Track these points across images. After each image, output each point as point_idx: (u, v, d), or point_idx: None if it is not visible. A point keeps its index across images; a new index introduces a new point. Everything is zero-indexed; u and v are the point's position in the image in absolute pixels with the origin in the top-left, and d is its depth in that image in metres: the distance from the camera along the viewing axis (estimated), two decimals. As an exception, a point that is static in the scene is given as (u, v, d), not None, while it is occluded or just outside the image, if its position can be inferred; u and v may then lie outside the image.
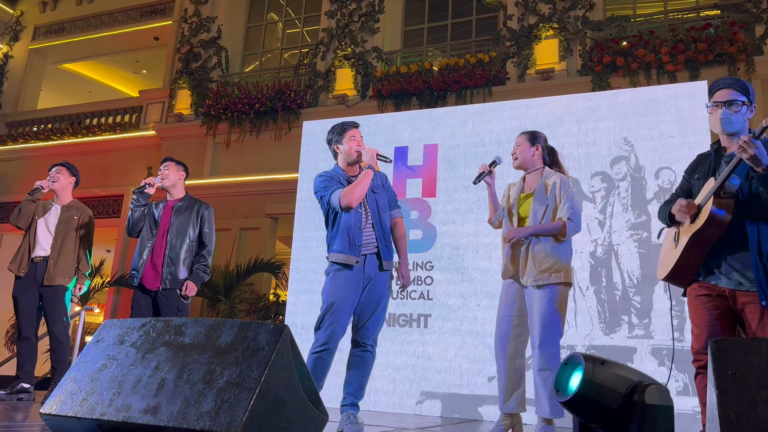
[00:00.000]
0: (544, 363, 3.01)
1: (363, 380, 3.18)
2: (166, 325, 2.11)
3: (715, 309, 2.44)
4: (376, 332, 3.22)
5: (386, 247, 3.23)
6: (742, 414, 1.61)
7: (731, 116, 2.48)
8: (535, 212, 3.17)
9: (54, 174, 4.67)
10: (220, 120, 9.31)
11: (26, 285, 4.44)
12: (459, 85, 8.06)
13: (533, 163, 3.31)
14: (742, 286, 2.37)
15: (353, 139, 3.29)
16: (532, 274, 3.10)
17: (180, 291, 3.99)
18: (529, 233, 3.12)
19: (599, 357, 2.35)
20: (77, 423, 1.97)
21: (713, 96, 2.56)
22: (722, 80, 2.59)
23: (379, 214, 3.23)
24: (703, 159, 2.66)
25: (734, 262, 2.40)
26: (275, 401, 1.87)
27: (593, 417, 2.28)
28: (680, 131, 4.54)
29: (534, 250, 3.12)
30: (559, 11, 7.97)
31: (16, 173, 10.94)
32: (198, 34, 10.14)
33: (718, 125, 2.53)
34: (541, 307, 3.05)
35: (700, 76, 6.94)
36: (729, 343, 1.74)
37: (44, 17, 12.10)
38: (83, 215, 4.67)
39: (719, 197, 2.37)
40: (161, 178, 4.18)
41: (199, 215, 4.16)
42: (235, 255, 8.59)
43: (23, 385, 4.32)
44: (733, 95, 2.49)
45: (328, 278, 3.17)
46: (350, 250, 3.11)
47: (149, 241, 4.06)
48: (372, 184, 3.23)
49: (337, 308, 3.08)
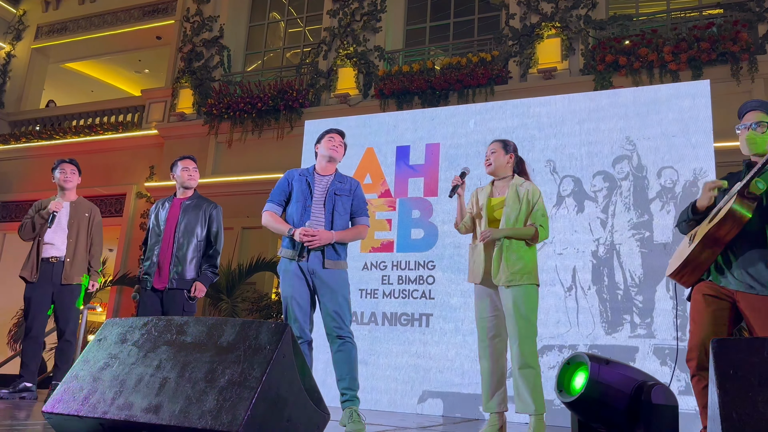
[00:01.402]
0: (525, 361, 3.09)
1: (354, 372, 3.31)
2: (168, 324, 2.12)
3: (718, 310, 2.44)
4: (342, 322, 3.31)
5: (332, 247, 3.33)
6: (743, 413, 1.61)
7: (757, 137, 2.53)
8: (507, 216, 3.27)
9: (69, 174, 4.66)
10: (223, 119, 9.32)
11: (40, 286, 4.44)
12: (461, 84, 8.05)
13: (505, 170, 3.43)
14: (753, 290, 2.37)
15: (330, 140, 3.51)
16: (505, 275, 3.18)
17: (187, 291, 3.97)
18: (504, 235, 3.22)
19: (603, 357, 2.36)
20: (79, 422, 1.97)
21: (742, 119, 2.62)
22: (750, 103, 2.64)
23: (332, 215, 3.37)
24: (732, 175, 2.68)
25: (747, 266, 2.40)
26: (277, 400, 1.87)
27: (598, 417, 2.29)
28: (682, 130, 4.53)
29: (506, 252, 3.21)
30: (561, 10, 7.96)
31: (18, 172, 10.96)
32: (200, 33, 10.15)
33: (745, 146, 2.58)
34: (518, 306, 3.14)
35: (702, 75, 6.92)
36: (731, 342, 1.74)
37: (47, 16, 12.12)
38: (94, 213, 4.71)
39: (743, 196, 2.38)
40: (189, 177, 4.16)
41: (208, 214, 4.15)
42: (238, 254, 8.60)
43: (26, 384, 4.33)
44: (760, 117, 2.54)
45: (280, 275, 3.39)
46: (295, 247, 3.30)
47: (156, 243, 4.05)
48: (336, 188, 3.42)
49: (291, 302, 3.27)
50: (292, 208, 3.39)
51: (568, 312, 4.55)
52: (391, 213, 5.32)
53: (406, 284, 5.07)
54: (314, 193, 3.39)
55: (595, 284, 4.52)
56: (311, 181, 3.43)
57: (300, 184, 3.42)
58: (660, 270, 4.33)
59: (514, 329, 3.13)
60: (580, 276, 4.57)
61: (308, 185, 3.41)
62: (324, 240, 3.26)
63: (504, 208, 3.29)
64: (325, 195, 3.40)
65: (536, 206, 3.27)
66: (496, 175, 3.44)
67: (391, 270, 5.16)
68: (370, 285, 5.17)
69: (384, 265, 5.19)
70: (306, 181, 3.43)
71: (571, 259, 4.64)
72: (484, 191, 3.46)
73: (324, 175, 3.47)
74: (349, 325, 3.32)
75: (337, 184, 3.45)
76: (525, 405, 3.08)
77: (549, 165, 4.89)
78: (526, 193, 3.30)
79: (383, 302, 5.09)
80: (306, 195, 3.38)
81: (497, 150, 3.44)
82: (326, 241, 3.27)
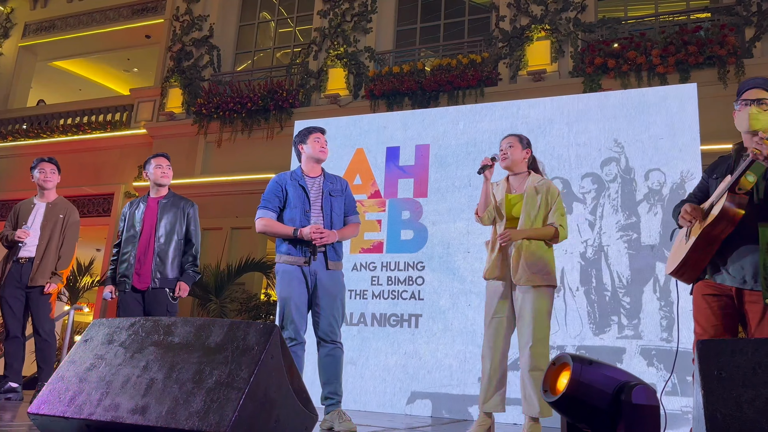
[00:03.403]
0: (536, 363, 3.04)
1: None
2: (155, 325, 2.10)
3: (720, 309, 2.44)
4: (337, 327, 3.32)
5: (333, 248, 3.34)
6: (728, 414, 1.62)
7: (760, 114, 2.46)
8: (527, 214, 3.20)
9: (49, 174, 4.60)
10: (212, 119, 9.28)
11: (11, 285, 4.41)
12: (451, 85, 8.07)
13: (521, 166, 3.36)
14: (747, 285, 2.36)
15: (317, 141, 3.45)
16: (525, 275, 3.12)
17: (170, 291, 3.96)
18: (524, 236, 3.16)
19: (587, 357, 2.37)
20: (65, 423, 1.96)
21: (742, 95, 2.54)
22: (752, 80, 2.58)
23: (331, 216, 3.36)
24: (723, 160, 2.64)
25: (742, 261, 2.38)
26: (265, 401, 1.87)
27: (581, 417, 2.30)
28: (670, 133, 4.57)
29: (526, 252, 3.15)
30: (551, 13, 8.00)
31: (4, 171, 10.86)
32: (190, 32, 10.11)
33: (745, 122, 2.49)
34: (535, 308, 3.08)
35: (690, 78, 6.99)
36: (715, 343, 1.76)
37: (35, 14, 12.03)
38: (69, 213, 4.61)
39: (734, 192, 2.35)
40: (163, 175, 4.12)
41: (185, 213, 4.13)
42: (226, 254, 8.57)
43: (11, 384, 4.30)
44: (762, 95, 2.48)
45: (278, 276, 3.35)
46: (297, 251, 3.26)
47: (131, 243, 4.01)
48: (329, 189, 3.41)
49: (289, 304, 3.24)
50: (290, 214, 3.33)
51: (556, 313, 4.57)
52: (380, 214, 5.32)
53: (396, 285, 5.07)
54: (310, 197, 3.37)
55: (583, 285, 4.55)
56: (305, 185, 3.39)
57: (295, 189, 3.37)
58: (647, 271, 4.36)
59: (528, 330, 3.07)
60: (568, 277, 4.60)
61: (303, 190, 3.37)
62: (331, 238, 3.25)
63: (523, 206, 3.22)
64: (321, 198, 3.38)
65: (555, 205, 3.20)
66: (511, 170, 3.36)
67: (380, 271, 5.16)
68: (359, 286, 5.17)
69: (373, 266, 5.19)
70: (300, 186, 3.38)
71: (560, 260, 4.65)
72: (500, 187, 3.37)
73: (314, 177, 3.45)
74: (340, 329, 3.33)
75: (330, 185, 3.44)
76: (531, 407, 3.05)
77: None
78: (546, 192, 3.23)
79: (372, 303, 5.09)
80: (303, 200, 3.35)
81: (514, 144, 3.35)
82: (332, 240, 3.26)
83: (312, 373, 4.67)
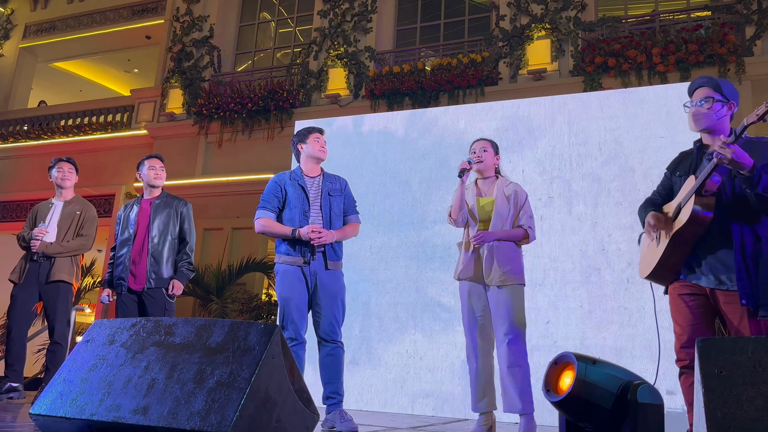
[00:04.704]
0: (514, 359, 3.11)
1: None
2: (156, 325, 2.11)
3: (697, 308, 2.45)
4: (337, 327, 3.32)
5: (332, 248, 3.34)
6: (728, 412, 1.62)
7: (702, 113, 2.51)
8: (498, 217, 3.29)
9: (67, 173, 4.63)
10: (212, 119, 9.28)
11: (27, 285, 4.41)
12: (451, 85, 8.07)
13: (491, 171, 3.46)
14: (723, 285, 2.37)
15: (317, 141, 3.47)
16: (497, 275, 3.21)
17: (165, 290, 3.98)
18: (497, 238, 3.25)
19: (590, 357, 2.37)
20: (67, 423, 1.96)
21: (691, 97, 2.60)
22: (697, 80, 2.63)
23: (330, 216, 3.36)
24: (685, 156, 2.68)
25: (716, 262, 2.39)
26: (266, 401, 1.87)
27: (585, 416, 2.30)
28: (670, 132, 4.57)
29: (498, 252, 3.24)
30: (551, 12, 8.00)
31: (5, 172, 10.87)
32: (190, 33, 10.11)
33: (691, 122, 2.57)
34: (509, 305, 3.17)
35: (690, 77, 6.98)
36: (715, 342, 1.75)
37: (35, 15, 12.03)
38: (86, 209, 4.63)
39: (701, 195, 2.37)
40: (156, 176, 4.15)
41: (179, 212, 4.16)
42: (227, 255, 8.56)
43: (12, 384, 4.30)
44: (706, 93, 2.52)
45: (277, 277, 3.34)
46: (296, 251, 3.26)
47: (126, 245, 4.04)
48: (328, 189, 3.41)
49: (289, 304, 3.24)
50: (289, 215, 3.34)
51: (557, 311, 4.57)
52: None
53: (397, 284, 5.07)
54: (310, 197, 3.37)
55: (584, 284, 4.55)
56: (304, 185, 3.39)
57: (294, 189, 3.37)
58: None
59: (505, 328, 3.14)
60: (569, 276, 4.60)
61: (303, 190, 3.37)
62: (329, 238, 3.25)
63: (494, 209, 3.31)
64: (320, 198, 3.39)
65: (524, 208, 3.31)
66: (482, 173, 3.46)
67: (382, 270, 5.16)
68: (360, 285, 5.17)
69: (375, 265, 5.19)
70: (299, 186, 3.38)
71: (561, 259, 4.66)
72: (470, 191, 3.46)
73: (313, 176, 3.45)
74: (341, 329, 3.33)
75: (329, 185, 3.44)
76: (512, 404, 3.10)
77: (538, 166, 4.91)
78: (514, 195, 3.34)
79: (374, 302, 5.10)
80: (303, 201, 3.35)
81: (488, 149, 3.45)
82: (330, 240, 3.27)
83: (313, 372, 4.68)
